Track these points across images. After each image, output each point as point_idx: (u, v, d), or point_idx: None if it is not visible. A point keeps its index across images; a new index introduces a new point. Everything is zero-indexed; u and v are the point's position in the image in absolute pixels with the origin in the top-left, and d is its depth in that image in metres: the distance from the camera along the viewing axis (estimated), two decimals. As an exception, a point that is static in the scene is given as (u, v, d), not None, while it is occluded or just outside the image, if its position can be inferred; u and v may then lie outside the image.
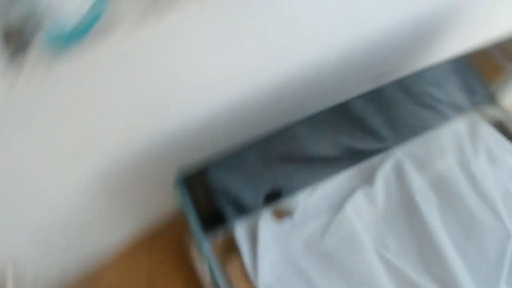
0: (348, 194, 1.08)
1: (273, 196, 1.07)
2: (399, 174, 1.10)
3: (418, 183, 1.08)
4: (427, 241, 1.02)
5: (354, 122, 1.04)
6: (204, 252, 0.88)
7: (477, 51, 0.92)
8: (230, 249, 1.01)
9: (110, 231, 0.95)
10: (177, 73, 0.69)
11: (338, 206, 1.06)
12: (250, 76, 0.80)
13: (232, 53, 0.71)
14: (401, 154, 1.12)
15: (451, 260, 0.99)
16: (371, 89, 0.91)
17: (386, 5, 0.86)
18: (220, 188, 0.96)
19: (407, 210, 1.06)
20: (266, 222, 1.04)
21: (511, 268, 1.00)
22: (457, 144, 1.14)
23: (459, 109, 1.18)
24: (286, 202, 1.07)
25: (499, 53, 1.04)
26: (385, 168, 1.10)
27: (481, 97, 1.19)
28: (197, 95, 0.77)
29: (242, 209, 1.06)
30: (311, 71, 0.90)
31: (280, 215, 1.06)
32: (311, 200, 1.07)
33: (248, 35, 0.70)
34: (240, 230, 1.03)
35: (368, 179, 1.10)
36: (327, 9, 0.77)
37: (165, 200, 0.99)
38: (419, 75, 0.97)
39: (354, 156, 1.12)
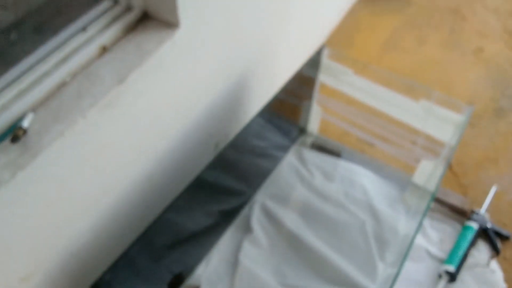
0: (237, 249, 1.21)
1: (176, 281, 1.13)
2: (267, 214, 1.29)
3: (285, 215, 1.29)
4: (311, 255, 1.21)
5: (214, 190, 1.18)
6: None
7: (275, 100, 1.17)
8: None
9: None
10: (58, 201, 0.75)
11: (233, 262, 1.19)
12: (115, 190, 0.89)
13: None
14: (261, 197, 1.32)
15: (334, 260, 1.20)
16: (214, 158, 1.04)
17: (199, 88, 1.05)
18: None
19: (287, 240, 1.25)
20: (180, 307, 1.09)
21: (378, 246, 1.26)
22: (296, 173, 1.40)
23: (284, 148, 1.45)
24: (190, 280, 1.15)
25: (289, 97, 1.35)
26: (255, 215, 1.28)
27: (295, 133, 1.49)
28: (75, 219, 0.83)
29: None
30: (164, 159, 1.02)
31: (190, 294, 1.13)
32: (210, 268, 1.17)
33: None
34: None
35: (247, 229, 1.26)
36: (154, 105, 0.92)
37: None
38: (242, 134, 1.13)
39: (227, 216, 1.28)
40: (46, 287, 0.80)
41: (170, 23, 0.82)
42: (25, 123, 0.67)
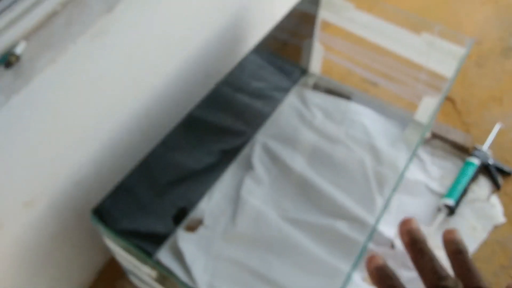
0: (239, 185, 1.24)
1: (180, 216, 1.18)
2: (269, 152, 1.31)
3: (285, 153, 1.31)
4: (311, 191, 1.24)
5: (213, 129, 1.20)
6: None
7: (270, 37, 1.16)
8: (164, 278, 1.08)
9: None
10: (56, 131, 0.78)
11: (235, 197, 1.22)
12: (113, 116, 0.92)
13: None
14: (262, 137, 1.34)
15: (333, 195, 1.23)
16: (207, 95, 1.02)
17: (194, 26, 1.05)
18: (128, 231, 1.03)
19: (287, 177, 1.27)
20: (184, 239, 1.14)
21: (377, 182, 1.28)
22: (297, 113, 1.41)
23: (285, 89, 1.45)
24: (193, 215, 1.19)
25: (289, 35, 1.33)
26: (256, 153, 1.30)
27: (296, 73, 1.48)
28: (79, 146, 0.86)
29: (158, 240, 1.14)
30: (161, 97, 1.04)
31: (193, 227, 1.17)
32: (212, 203, 1.21)
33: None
34: (164, 257, 1.11)
35: (248, 166, 1.28)
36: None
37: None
38: (236, 71, 1.10)
39: (228, 155, 1.30)
40: (50, 213, 0.84)
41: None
42: (18, 50, 0.68)
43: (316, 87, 1.48)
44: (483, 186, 1.33)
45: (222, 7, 1.12)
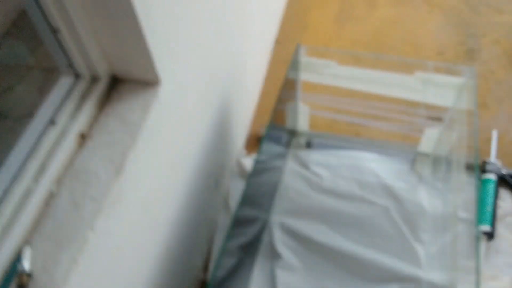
0: (272, 280, 1.13)
1: None
2: (289, 232, 1.21)
3: (307, 227, 1.21)
4: (348, 261, 1.15)
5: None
6: None
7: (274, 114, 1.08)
8: None
9: None
10: None
11: None
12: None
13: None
14: (277, 217, 1.23)
15: (372, 258, 1.14)
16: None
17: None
18: None
19: (318, 252, 1.17)
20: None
21: (408, 228, 1.21)
22: (303, 179, 1.32)
23: (281, 156, 1.36)
24: None
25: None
26: (277, 237, 1.20)
27: (286, 137, 1.40)
28: None
29: None
30: (176, 222, 0.92)
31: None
32: None
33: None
34: None
35: (275, 254, 1.17)
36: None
37: None
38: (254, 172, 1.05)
39: (251, 248, 1.18)
40: None
41: (149, 81, 0.70)
42: (26, 265, 0.55)
43: (308, 145, 1.40)
44: (506, 199, 1.30)
45: (210, 114, 1.03)
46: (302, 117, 1.37)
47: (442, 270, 1.14)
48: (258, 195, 1.24)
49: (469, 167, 1.34)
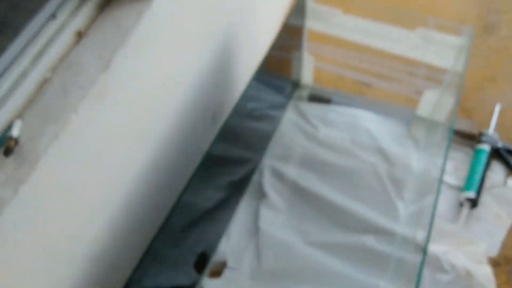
0: (255, 217, 1.18)
1: (201, 262, 1.10)
2: (279, 176, 1.25)
3: (296, 173, 1.25)
4: (330, 209, 1.19)
5: (221, 163, 1.13)
6: None
7: (268, 58, 1.10)
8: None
9: None
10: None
11: (255, 231, 1.15)
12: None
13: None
14: (269, 161, 1.28)
15: (353, 209, 1.18)
16: (219, 132, 0.99)
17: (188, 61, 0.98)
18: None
19: (303, 198, 1.21)
20: (210, 286, 1.06)
21: (393, 186, 1.24)
22: (298, 129, 1.35)
23: (282, 106, 1.40)
24: (215, 259, 1.12)
25: (279, 51, 1.28)
26: (266, 179, 1.24)
27: (289, 88, 1.43)
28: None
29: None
30: (165, 142, 0.96)
31: (218, 272, 1.10)
32: (232, 242, 1.14)
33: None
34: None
35: (261, 195, 1.22)
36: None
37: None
38: (241, 102, 1.08)
39: (239, 186, 1.24)
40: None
41: (145, -7, 0.74)
42: (15, 132, 0.60)
43: (311, 98, 1.43)
44: (497, 171, 1.31)
45: (210, 43, 1.06)
46: (307, 69, 1.40)
47: (418, 228, 1.17)
48: (254, 139, 1.28)
49: (464, 135, 1.36)
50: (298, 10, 1.19)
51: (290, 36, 1.26)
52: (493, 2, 1.74)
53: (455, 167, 1.31)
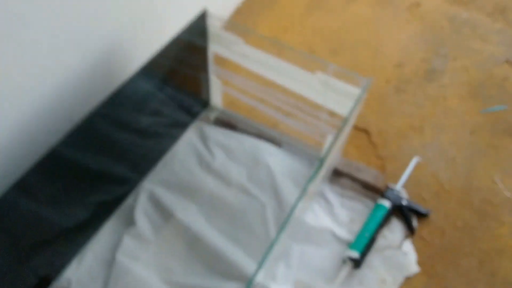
0: (117, 245, 1.09)
1: (41, 285, 1.01)
2: (156, 203, 1.15)
3: (176, 203, 1.16)
4: (203, 248, 1.09)
5: (91, 175, 1.04)
6: None
7: (155, 63, 1.01)
8: None
9: None
10: None
11: (111, 260, 1.06)
12: None
13: None
14: (150, 184, 1.18)
15: (227, 251, 1.08)
16: (76, 128, 0.86)
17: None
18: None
19: (176, 230, 1.12)
20: (43, 316, 0.98)
21: (278, 230, 1.15)
22: (194, 153, 1.26)
23: (183, 125, 1.30)
24: (58, 283, 1.03)
25: (183, 66, 1.18)
26: (141, 204, 1.15)
27: (196, 107, 1.33)
28: None
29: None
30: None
31: (57, 300, 1.01)
32: (82, 268, 1.05)
33: None
34: None
35: (131, 221, 1.13)
36: None
37: None
38: (117, 100, 0.95)
39: (107, 207, 1.14)
40: None
41: None
42: None
43: (218, 122, 1.34)
44: (395, 230, 1.21)
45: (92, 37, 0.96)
46: (215, 91, 1.30)
47: (291, 282, 1.08)
48: (138, 156, 1.19)
49: (369, 186, 1.27)
50: (197, 29, 1.10)
51: (193, 54, 1.16)
52: (443, 46, 1.64)
53: (351, 218, 1.21)
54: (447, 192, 1.28)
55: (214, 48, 1.16)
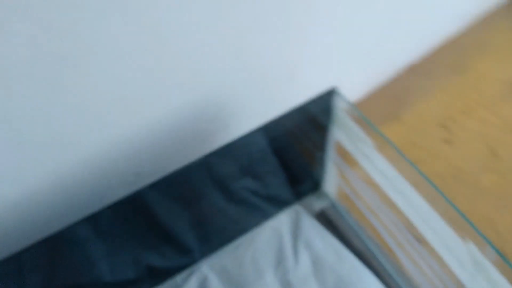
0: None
1: None
2: (204, 292, 0.93)
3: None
4: None
5: (155, 229, 0.87)
6: None
7: (274, 126, 0.77)
8: None
9: None
10: None
11: None
12: None
13: None
14: (206, 268, 0.96)
15: None
16: (165, 177, 0.72)
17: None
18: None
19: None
20: None
21: None
22: (276, 246, 0.99)
23: (280, 202, 1.04)
24: None
25: (300, 135, 0.92)
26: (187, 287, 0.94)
27: (305, 186, 1.05)
28: None
29: None
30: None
31: None
32: None
33: None
34: None
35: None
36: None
37: None
38: (225, 159, 0.80)
39: (154, 275, 0.96)
40: None
41: None
42: None
43: (321, 216, 1.03)
44: None
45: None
46: (330, 178, 0.99)
47: None
48: (213, 230, 0.97)
49: None
50: (323, 106, 0.81)
51: (314, 128, 0.88)
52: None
53: None
54: None
55: (337, 134, 0.85)
